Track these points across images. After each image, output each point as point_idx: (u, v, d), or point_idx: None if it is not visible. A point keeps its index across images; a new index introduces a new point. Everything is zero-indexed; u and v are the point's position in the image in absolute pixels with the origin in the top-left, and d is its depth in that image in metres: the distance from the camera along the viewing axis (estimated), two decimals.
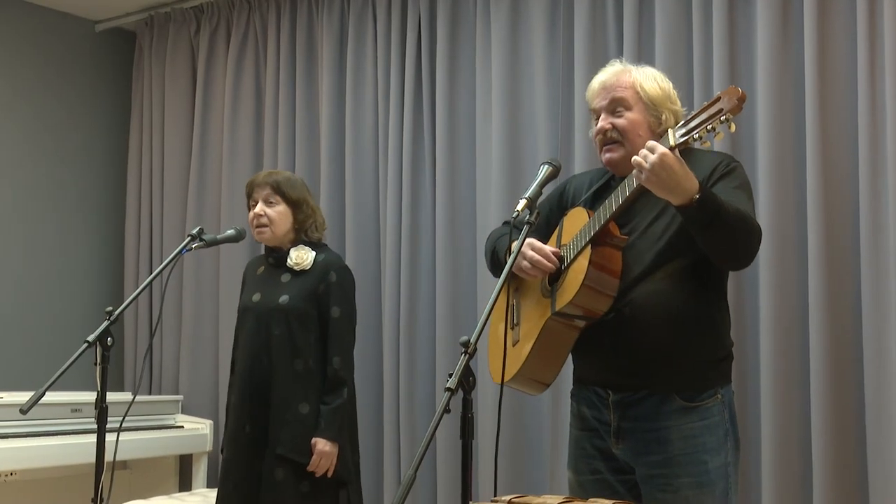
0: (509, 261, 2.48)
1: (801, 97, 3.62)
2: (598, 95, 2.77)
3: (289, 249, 3.67)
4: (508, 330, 2.78)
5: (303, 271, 3.63)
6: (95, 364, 3.08)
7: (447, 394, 2.15)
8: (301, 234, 3.70)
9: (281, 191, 3.66)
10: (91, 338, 3.05)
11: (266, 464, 3.49)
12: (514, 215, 2.57)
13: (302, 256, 3.63)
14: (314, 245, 3.70)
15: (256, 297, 3.66)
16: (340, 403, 3.56)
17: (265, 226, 3.65)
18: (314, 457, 3.48)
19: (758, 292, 3.64)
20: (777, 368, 3.56)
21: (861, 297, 3.44)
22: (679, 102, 2.78)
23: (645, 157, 2.40)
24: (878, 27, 3.45)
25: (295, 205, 3.67)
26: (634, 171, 2.45)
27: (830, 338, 3.46)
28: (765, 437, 3.56)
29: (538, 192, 2.61)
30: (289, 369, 3.54)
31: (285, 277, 3.64)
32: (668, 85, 2.78)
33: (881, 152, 3.41)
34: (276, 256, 3.69)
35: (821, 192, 3.51)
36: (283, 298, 3.59)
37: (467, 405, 2.25)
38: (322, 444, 3.49)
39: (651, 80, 2.76)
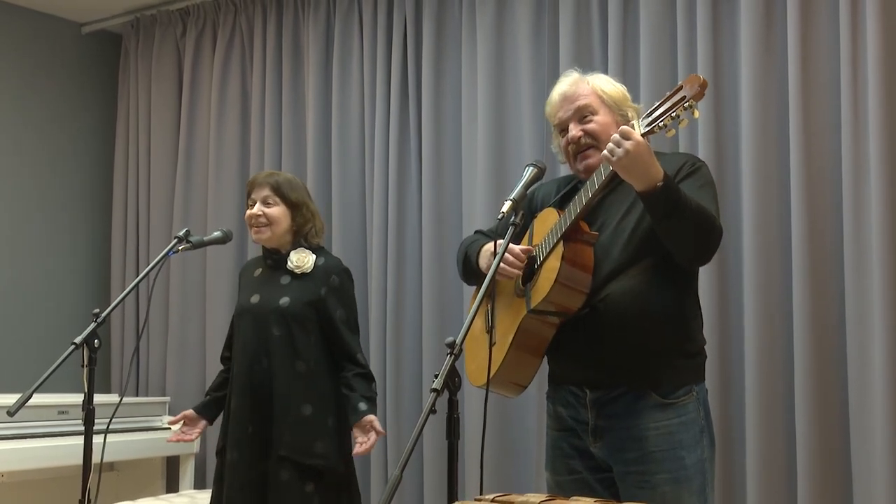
0: (494, 261, 2.49)
1: (785, 95, 3.64)
2: (560, 108, 2.80)
3: (288, 252, 3.66)
4: (490, 331, 2.80)
5: (303, 274, 3.62)
6: (82, 366, 3.09)
7: (433, 394, 2.17)
8: (300, 238, 3.65)
9: (281, 192, 3.63)
10: (78, 340, 3.07)
11: (271, 465, 3.50)
12: (500, 216, 2.59)
13: (303, 259, 3.61)
14: (313, 248, 3.70)
15: (255, 298, 3.64)
16: (375, 396, 3.59)
17: (263, 226, 3.63)
18: (373, 435, 3.46)
19: (742, 290, 3.66)
20: (761, 366, 3.59)
21: (845, 294, 3.47)
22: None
23: (618, 143, 2.44)
24: (861, 26, 3.47)
25: (294, 207, 3.64)
26: (604, 153, 2.48)
27: (814, 335, 3.49)
28: (749, 432, 3.58)
29: (523, 194, 2.62)
30: (290, 371, 3.53)
31: (285, 279, 3.62)
32: (622, 87, 2.84)
33: (864, 150, 3.44)
34: (274, 258, 3.67)
35: (804, 190, 3.54)
36: (284, 300, 3.57)
37: (453, 406, 2.26)
38: (378, 423, 3.48)
39: (607, 82, 2.82)
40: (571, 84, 2.81)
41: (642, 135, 2.47)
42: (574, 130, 2.76)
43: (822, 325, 3.50)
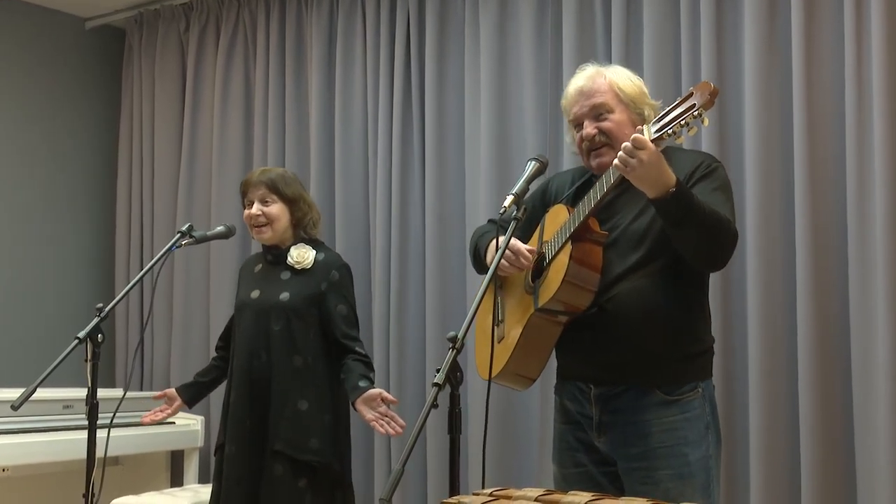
0: (496, 257, 2.50)
1: (789, 93, 3.63)
2: (576, 103, 2.78)
3: (288, 247, 3.67)
4: (493, 326, 2.80)
5: (303, 270, 3.63)
6: (86, 360, 3.10)
7: (434, 389, 2.18)
8: (299, 231, 3.69)
9: (276, 189, 3.64)
10: (81, 334, 3.08)
11: (266, 459, 3.51)
12: (502, 211, 2.58)
13: (303, 255, 3.63)
14: (312, 243, 3.71)
15: (255, 293, 3.65)
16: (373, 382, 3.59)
17: (264, 225, 3.64)
18: (386, 409, 3.44)
19: (745, 288, 3.66)
20: (765, 363, 3.58)
21: (848, 293, 3.46)
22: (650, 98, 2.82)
23: (631, 153, 2.42)
24: (865, 26, 3.46)
25: (291, 202, 3.66)
26: (616, 163, 2.47)
27: (818, 332, 3.48)
28: (753, 428, 3.58)
29: (525, 189, 2.63)
30: (288, 365, 3.55)
31: (285, 275, 3.64)
32: (640, 82, 2.82)
33: (867, 149, 3.43)
34: (274, 254, 3.69)
35: (808, 188, 3.53)
36: (284, 296, 3.59)
37: (455, 400, 2.28)
38: (388, 394, 3.47)
39: (626, 78, 2.79)
40: (588, 78, 2.78)
41: (651, 140, 2.45)
42: (589, 128, 2.74)
43: (825, 322, 3.49)
